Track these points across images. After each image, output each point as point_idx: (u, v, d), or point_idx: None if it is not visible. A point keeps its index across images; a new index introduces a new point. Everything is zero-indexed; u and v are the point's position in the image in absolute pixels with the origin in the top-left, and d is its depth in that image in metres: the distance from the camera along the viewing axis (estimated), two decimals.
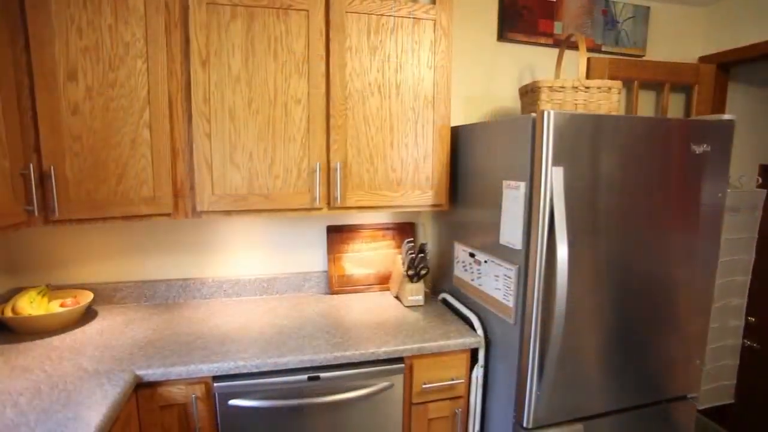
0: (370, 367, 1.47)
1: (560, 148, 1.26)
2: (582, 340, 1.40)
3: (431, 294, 2.04)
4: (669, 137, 1.40)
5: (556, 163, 1.25)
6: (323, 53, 1.61)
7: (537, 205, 1.27)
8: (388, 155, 1.71)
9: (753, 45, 2.26)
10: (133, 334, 1.55)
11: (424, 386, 1.52)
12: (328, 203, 1.68)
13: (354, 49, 1.64)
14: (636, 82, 2.34)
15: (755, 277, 2.75)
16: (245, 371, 1.37)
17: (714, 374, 2.67)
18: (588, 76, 2.27)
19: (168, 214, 1.56)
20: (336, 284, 2.00)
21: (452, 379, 1.55)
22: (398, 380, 1.50)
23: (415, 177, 1.75)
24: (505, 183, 1.42)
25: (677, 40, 2.48)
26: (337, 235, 2.02)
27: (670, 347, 1.56)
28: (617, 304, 1.44)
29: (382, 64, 1.67)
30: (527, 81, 2.23)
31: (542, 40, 2.21)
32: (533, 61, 2.23)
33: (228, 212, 1.60)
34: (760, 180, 2.67)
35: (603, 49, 2.33)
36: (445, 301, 1.88)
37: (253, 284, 1.97)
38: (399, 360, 1.50)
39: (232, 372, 1.36)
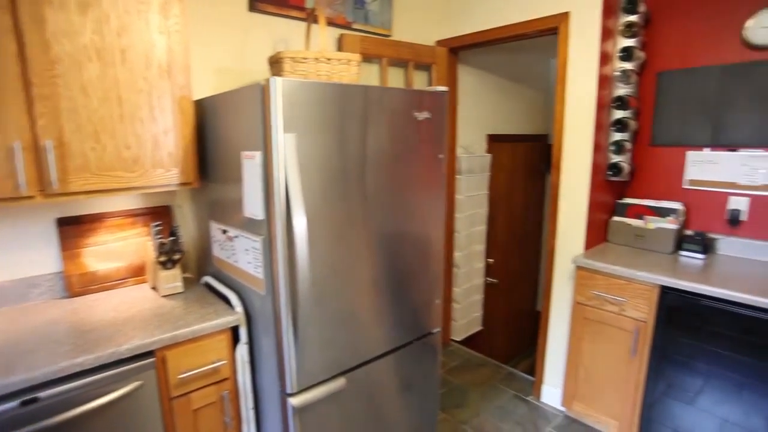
0: (112, 370, 1.30)
1: (291, 116, 1.28)
2: (335, 299, 1.49)
3: (196, 279, 1.91)
4: (395, 105, 1.55)
5: (287, 130, 1.27)
6: (6, 2, 1.29)
7: (272, 173, 1.28)
8: (118, 131, 1.50)
9: (469, 34, 2.69)
10: None
11: (181, 376, 1.42)
12: (42, 190, 1.39)
13: (56, 4, 1.36)
14: (385, 59, 2.56)
15: (490, 226, 3.37)
16: None
17: (466, 309, 3.21)
18: (342, 51, 2.39)
19: None
20: (77, 285, 1.71)
21: (214, 363, 1.49)
22: (150, 377, 1.37)
23: (155, 154, 1.58)
24: (243, 154, 1.39)
25: (419, 24, 2.79)
26: (73, 228, 1.72)
27: (416, 293, 1.78)
28: (365, 261, 1.57)
29: (100, 24, 1.44)
30: None
31: (294, 14, 2.23)
32: (288, 34, 2.23)
33: None
34: (487, 147, 3.26)
35: (354, 26, 2.47)
36: (207, 285, 1.79)
37: None
38: (149, 354, 1.36)
39: None
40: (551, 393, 2.56)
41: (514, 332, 3.91)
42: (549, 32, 2.36)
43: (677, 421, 1.98)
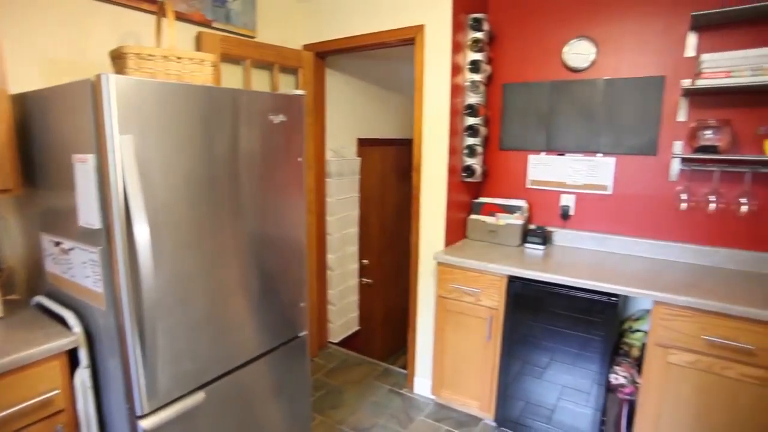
0: None
1: (129, 116, 1.18)
2: (189, 309, 1.41)
3: (26, 300, 1.66)
4: (247, 108, 1.52)
5: (124, 131, 1.17)
6: None
7: (109, 178, 1.17)
8: None
9: (334, 40, 2.73)
10: None
11: None
12: None
13: None
14: (249, 60, 2.49)
15: (363, 228, 3.46)
16: None
17: (342, 311, 3.25)
18: (200, 50, 2.27)
19: None
20: None
21: (45, 394, 1.31)
22: None
23: None
24: (74, 157, 1.25)
25: (285, 27, 2.77)
26: None
27: (280, 297, 1.76)
28: (221, 268, 1.50)
29: None
30: None
31: (145, 6, 2.06)
32: (139, 28, 2.05)
33: None
34: (357, 150, 3.34)
35: (214, 25, 2.36)
36: (40, 305, 1.57)
37: None
38: None
39: None
40: (422, 384, 2.72)
41: (391, 330, 4.06)
42: (408, 42, 2.51)
43: (529, 394, 2.23)
